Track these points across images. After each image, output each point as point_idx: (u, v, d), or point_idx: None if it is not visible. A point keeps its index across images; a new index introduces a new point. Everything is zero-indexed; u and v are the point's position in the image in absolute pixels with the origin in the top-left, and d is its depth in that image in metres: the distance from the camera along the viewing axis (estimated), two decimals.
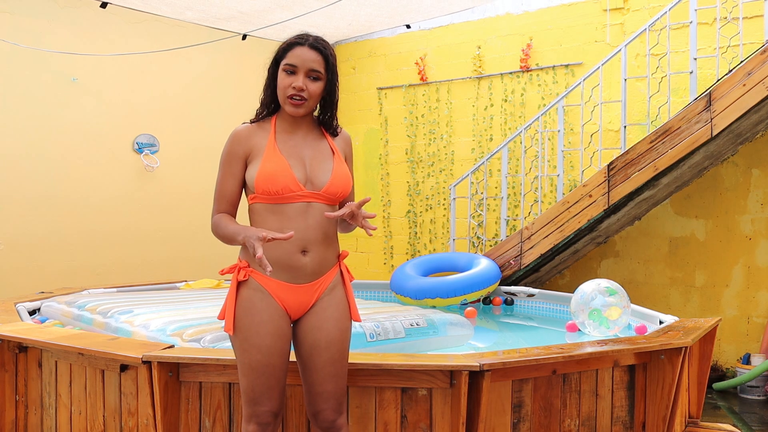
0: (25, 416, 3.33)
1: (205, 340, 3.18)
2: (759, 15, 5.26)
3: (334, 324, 2.31)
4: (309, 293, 2.31)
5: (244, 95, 7.39)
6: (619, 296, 4.15)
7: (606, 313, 4.14)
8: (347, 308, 2.38)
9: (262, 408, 2.24)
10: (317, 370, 2.28)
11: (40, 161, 6.07)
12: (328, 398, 2.29)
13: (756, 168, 5.58)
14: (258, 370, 2.23)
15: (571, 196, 5.42)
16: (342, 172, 2.33)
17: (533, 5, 6.63)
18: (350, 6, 6.34)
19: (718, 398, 5.28)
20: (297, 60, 2.26)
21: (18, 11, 5.92)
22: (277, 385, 2.26)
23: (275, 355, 2.24)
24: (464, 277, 5.54)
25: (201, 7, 6.26)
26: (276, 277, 2.26)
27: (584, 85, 5.75)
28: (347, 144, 2.46)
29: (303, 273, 2.28)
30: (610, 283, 4.22)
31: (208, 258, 7.05)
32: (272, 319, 2.25)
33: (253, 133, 2.34)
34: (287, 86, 2.26)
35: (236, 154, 2.32)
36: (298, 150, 2.32)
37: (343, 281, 2.40)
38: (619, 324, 4.15)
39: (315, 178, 2.30)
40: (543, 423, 2.92)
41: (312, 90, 2.27)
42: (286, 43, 2.30)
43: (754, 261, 5.58)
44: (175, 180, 6.90)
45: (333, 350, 2.30)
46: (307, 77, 2.26)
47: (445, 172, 7.16)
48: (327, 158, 2.34)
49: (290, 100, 2.27)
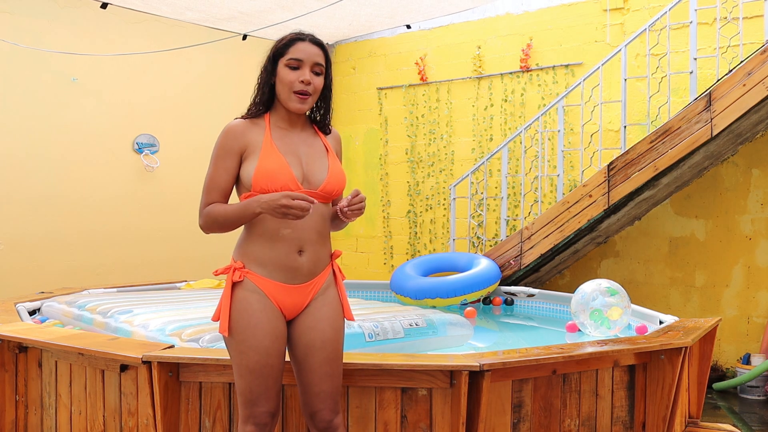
0: (25, 416, 3.33)
1: (203, 339, 3.19)
2: (759, 15, 5.26)
3: (329, 324, 2.31)
4: (304, 293, 2.31)
5: (245, 95, 7.33)
6: (620, 296, 4.15)
7: (607, 314, 4.14)
8: (341, 307, 2.38)
9: (260, 409, 2.23)
10: (313, 370, 2.28)
11: (40, 161, 6.07)
12: (324, 398, 2.28)
13: (756, 168, 5.58)
14: (256, 372, 2.22)
15: (571, 196, 5.42)
16: (337, 170, 2.34)
17: (533, 5, 6.64)
18: (350, 6, 6.34)
19: (718, 398, 5.28)
20: (302, 54, 2.25)
21: (18, 11, 5.92)
22: (274, 386, 2.25)
23: (273, 356, 2.23)
24: (464, 277, 5.54)
25: (201, 7, 6.26)
26: (272, 277, 2.26)
27: (584, 85, 5.75)
28: (338, 143, 2.47)
29: (299, 273, 2.28)
30: (610, 284, 4.22)
31: (208, 258, 7.05)
32: (269, 320, 2.24)
33: (248, 128, 2.29)
34: (294, 81, 2.24)
35: (231, 149, 2.27)
36: (294, 148, 2.30)
37: (336, 281, 2.41)
38: (620, 324, 4.15)
39: (311, 176, 2.29)
40: (543, 423, 2.92)
41: (316, 84, 2.28)
42: (286, 39, 2.29)
43: (754, 261, 5.58)
44: (175, 180, 6.90)
45: (328, 350, 2.29)
46: (312, 71, 2.26)
47: (445, 172, 7.16)
48: (322, 156, 2.34)
49: (297, 95, 2.25)
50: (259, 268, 2.26)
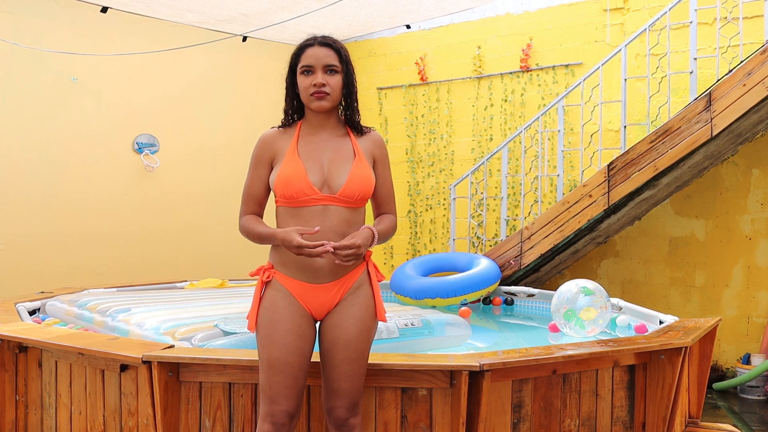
0: (25, 416, 3.33)
1: (195, 338, 3.21)
2: (759, 15, 5.26)
3: (354, 323, 2.33)
4: (330, 293, 2.34)
5: (244, 96, 7.40)
6: (595, 297, 4.12)
7: (581, 314, 4.13)
8: (372, 308, 2.40)
9: (279, 407, 2.24)
10: (334, 367, 2.31)
11: (40, 161, 6.07)
12: (342, 396, 2.31)
13: (756, 168, 5.58)
14: (276, 367, 2.25)
15: (571, 196, 5.42)
16: (360, 175, 2.34)
17: (533, 5, 6.64)
18: (350, 6, 6.33)
19: (718, 398, 5.28)
20: (311, 59, 2.31)
21: (18, 11, 5.92)
22: (294, 385, 2.26)
23: (293, 354, 2.27)
24: (464, 277, 5.54)
25: (201, 9, 6.26)
26: (296, 277, 2.34)
27: (584, 85, 5.75)
28: (376, 145, 2.46)
29: (321, 273, 2.33)
30: (587, 284, 4.20)
31: (208, 258, 7.05)
32: (292, 318, 2.30)
33: (279, 137, 2.41)
34: (308, 85, 2.31)
35: (262, 157, 2.40)
36: (318, 153, 2.36)
37: (370, 281, 2.42)
38: (595, 325, 4.13)
39: (332, 181, 2.33)
40: (543, 423, 2.92)
41: (332, 83, 2.32)
42: (297, 49, 2.36)
43: (754, 261, 5.58)
44: (175, 180, 6.90)
45: (351, 349, 2.32)
46: (325, 73, 2.31)
47: (445, 172, 7.16)
48: (347, 160, 2.37)
49: (313, 96, 2.31)
50: (284, 268, 2.35)
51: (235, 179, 7.35)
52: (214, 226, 7.07)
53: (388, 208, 2.50)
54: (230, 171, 7.19)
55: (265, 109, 7.51)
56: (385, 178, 2.47)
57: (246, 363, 2.70)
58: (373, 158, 2.44)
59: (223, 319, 3.49)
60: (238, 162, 7.32)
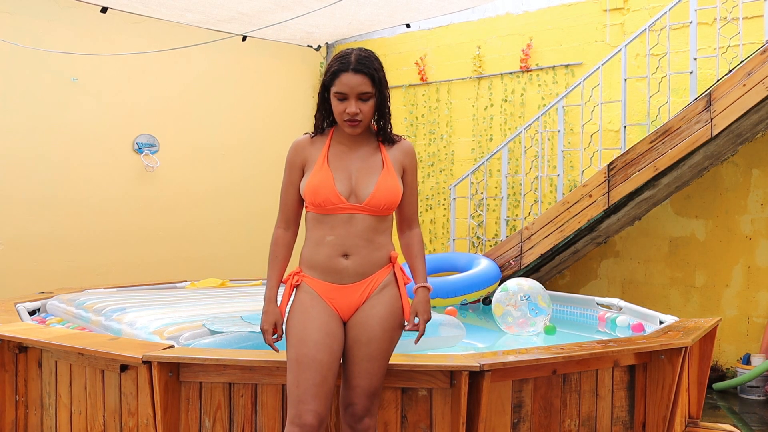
0: (25, 416, 3.33)
1: (182, 337, 3.24)
2: (759, 15, 5.26)
3: (378, 322, 2.37)
4: (356, 293, 2.39)
5: (244, 96, 7.40)
6: (507, 295, 4.16)
7: (493, 309, 4.22)
8: (398, 309, 2.42)
9: (306, 407, 2.22)
10: (354, 363, 2.34)
11: (41, 161, 6.07)
12: (359, 393, 2.32)
13: (756, 168, 5.58)
14: (304, 364, 2.26)
15: (571, 196, 5.42)
16: (386, 186, 2.39)
17: (533, 5, 6.64)
18: (350, 6, 6.33)
19: (718, 398, 5.28)
20: (345, 88, 2.33)
21: (18, 11, 5.92)
22: (323, 384, 2.25)
23: (321, 351, 2.28)
24: (464, 277, 5.54)
25: (201, 8, 6.26)
26: (322, 278, 2.40)
27: (584, 85, 5.75)
28: (406, 154, 2.49)
29: (346, 274, 2.39)
30: (512, 282, 4.27)
31: (209, 258, 7.05)
32: (319, 316, 2.34)
33: (310, 144, 2.46)
34: (342, 112, 2.35)
35: (294, 163, 2.46)
36: (347, 163, 2.41)
37: (397, 282, 2.46)
38: (506, 323, 4.18)
39: (359, 191, 2.38)
40: (543, 423, 2.92)
41: (365, 110, 2.36)
42: (332, 69, 2.37)
43: (754, 261, 5.58)
44: (175, 180, 6.90)
45: (372, 348, 2.34)
46: (358, 100, 2.34)
47: (445, 172, 7.16)
48: (375, 171, 2.41)
49: (347, 123, 2.36)
50: (311, 270, 2.42)
51: (236, 179, 7.42)
52: (214, 226, 7.07)
53: (411, 220, 2.55)
54: (230, 171, 7.19)
55: (265, 109, 7.51)
56: (412, 186, 2.52)
57: (246, 363, 2.70)
58: (402, 168, 2.48)
59: (212, 318, 3.51)
60: (238, 162, 7.33)
